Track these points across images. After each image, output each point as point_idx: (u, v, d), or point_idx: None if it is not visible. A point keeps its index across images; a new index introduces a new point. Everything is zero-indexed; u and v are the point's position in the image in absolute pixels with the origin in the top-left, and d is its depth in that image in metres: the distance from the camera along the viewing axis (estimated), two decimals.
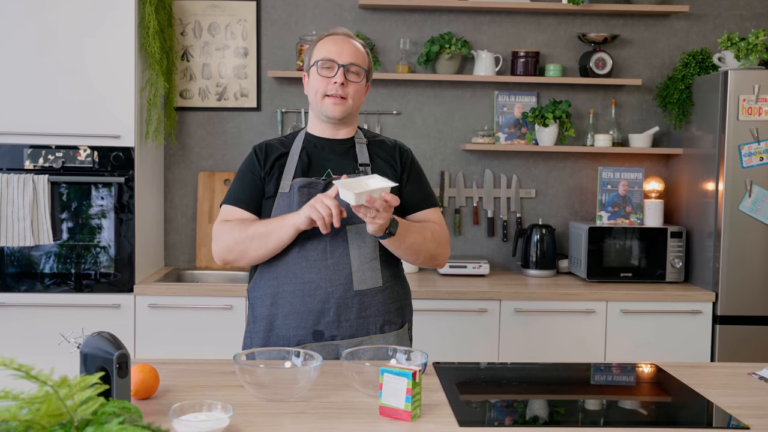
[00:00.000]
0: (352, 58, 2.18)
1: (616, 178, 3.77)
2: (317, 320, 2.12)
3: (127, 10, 3.31)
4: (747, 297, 3.43)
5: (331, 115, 2.18)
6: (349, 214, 2.11)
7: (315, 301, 2.11)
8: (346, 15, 3.89)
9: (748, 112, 3.39)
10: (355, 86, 2.19)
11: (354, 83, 2.19)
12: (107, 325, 3.12)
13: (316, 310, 2.11)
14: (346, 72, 2.17)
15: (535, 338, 3.39)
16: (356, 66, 2.18)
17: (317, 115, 2.23)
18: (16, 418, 1.12)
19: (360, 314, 2.14)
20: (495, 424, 1.72)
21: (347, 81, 2.17)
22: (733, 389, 1.97)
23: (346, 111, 2.19)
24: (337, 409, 1.72)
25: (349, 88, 2.18)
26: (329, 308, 2.12)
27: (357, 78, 2.19)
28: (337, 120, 2.20)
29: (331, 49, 2.18)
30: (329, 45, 2.20)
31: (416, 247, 2.15)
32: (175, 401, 1.67)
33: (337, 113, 2.18)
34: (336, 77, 2.16)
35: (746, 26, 3.98)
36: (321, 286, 2.11)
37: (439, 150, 3.96)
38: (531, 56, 3.83)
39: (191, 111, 3.90)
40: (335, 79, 2.16)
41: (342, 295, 2.12)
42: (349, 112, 2.20)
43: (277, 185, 2.17)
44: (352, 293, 2.12)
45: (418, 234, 2.15)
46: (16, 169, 3.29)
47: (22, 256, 3.31)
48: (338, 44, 2.19)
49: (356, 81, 2.19)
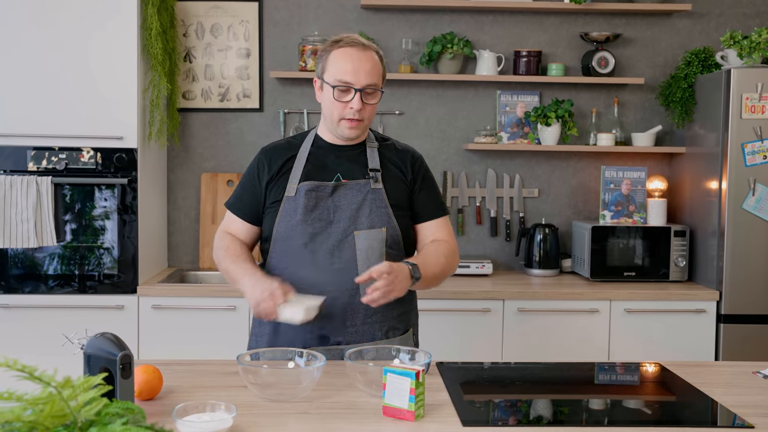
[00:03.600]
0: (368, 78, 2.09)
1: (619, 177, 3.76)
2: (322, 324, 2.11)
3: (129, 12, 3.31)
4: (751, 296, 3.42)
5: (347, 136, 2.16)
6: (355, 218, 2.10)
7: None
8: (348, 15, 3.89)
9: (751, 111, 3.38)
10: (372, 107, 2.14)
11: (370, 105, 2.13)
12: (111, 326, 3.13)
13: (322, 315, 2.09)
14: (363, 95, 2.10)
15: (538, 338, 3.39)
16: (372, 87, 2.12)
17: (331, 131, 2.19)
18: (20, 419, 1.12)
19: (366, 320, 2.13)
20: (499, 424, 1.72)
21: (364, 104, 2.11)
22: (737, 388, 1.97)
23: (362, 132, 2.17)
24: (340, 409, 1.72)
25: (366, 111, 2.13)
26: (335, 313, 2.11)
27: (374, 99, 2.13)
28: (352, 139, 2.19)
29: (346, 69, 2.09)
30: (344, 63, 2.09)
31: (437, 276, 2.17)
32: (179, 402, 1.67)
33: (353, 135, 2.15)
34: (353, 103, 2.09)
35: (749, 24, 3.97)
36: (327, 290, 2.10)
37: (441, 150, 3.96)
38: (533, 56, 3.83)
39: (194, 112, 3.90)
40: (352, 105, 2.10)
41: (349, 301, 2.11)
42: (364, 131, 2.19)
43: (283, 188, 2.16)
44: (359, 299, 2.10)
45: (435, 264, 2.15)
46: (20, 170, 3.30)
47: (25, 258, 3.32)
48: (354, 62, 2.09)
49: (373, 102, 2.13)
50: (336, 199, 2.13)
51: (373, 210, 2.13)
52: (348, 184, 2.15)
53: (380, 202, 2.15)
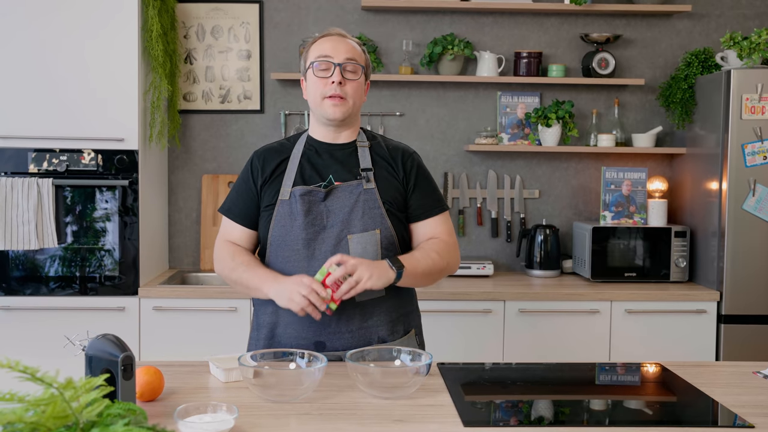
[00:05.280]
0: (347, 54, 2.13)
1: (620, 178, 3.76)
2: (318, 331, 2.10)
3: (130, 14, 3.32)
4: (751, 296, 3.42)
5: (331, 116, 2.13)
6: (348, 221, 2.10)
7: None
8: (348, 17, 3.90)
9: (751, 111, 3.38)
10: (354, 84, 2.14)
11: (352, 81, 2.13)
12: (112, 328, 3.14)
13: (318, 321, 2.07)
14: (343, 70, 2.12)
15: (539, 338, 3.39)
16: (353, 63, 2.13)
17: (318, 119, 2.19)
18: (22, 420, 1.12)
19: (362, 324, 2.12)
20: (500, 425, 1.72)
21: (345, 79, 2.12)
22: (737, 388, 1.97)
23: (346, 112, 2.14)
24: (341, 410, 1.73)
25: (348, 87, 2.12)
26: (330, 319, 2.09)
27: (355, 75, 2.14)
28: (339, 122, 2.15)
29: (325, 48, 2.13)
30: (323, 44, 2.15)
31: (428, 274, 2.13)
32: (180, 403, 1.68)
33: (338, 114, 2.13)
34: (333, 76, 2.11)
35: (749, 25, 3.98)
36: None
37: (442, 151, 3.96)
38: (534, 57, 3.83)
39: (195, 114, 3.91)
40: (332, 79, 2.11)
41: (343, 306, 2.08)
42: (349, 113, 2.15)
43: (277, 192, 2.14)
44: (354, 304, 2.09)
45: (424, 259, 2.12)
46: (21, 172, 3.30)
47: (27, 260, 3.32)
48: (332, 42, 2.15)
49: (354, 78, 2.13)
50: (329, 203, 2.11)
51: (366, 212, 2.11)
52: (340, 186, 2.12)
53: (373, 203, 2.13)
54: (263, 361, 1.89)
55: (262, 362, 1.89)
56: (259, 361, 1.89)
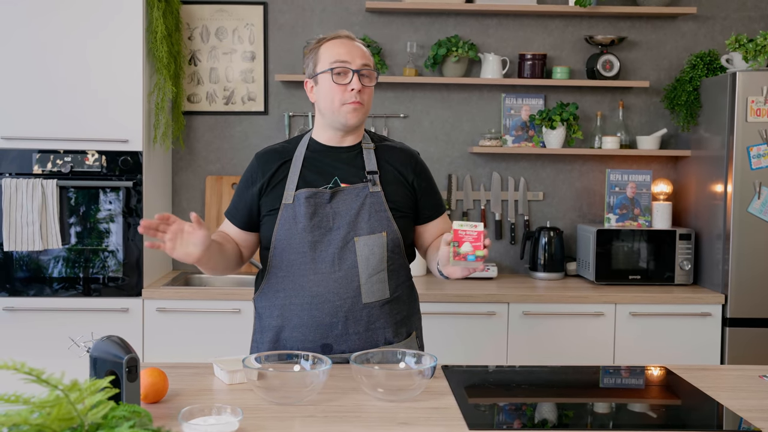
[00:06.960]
0: (362, 59, 2.11)
1: (624, 181, 3.76)
2: (325, 333, 2.10)
3: (134, 15, 3.32)
4: (757, 299, 3.41)
5: (349, 123, 2.12)
6: (354, 223, 2.09)
7: (323, 315, 2.09)
8: (353, 19, 3.90)
9: (757, 114, 3.38)
10: (369, 90, 2.14)
11: (368, 87, 2.13)
12: (116, 329, 3.14)
13: (325, 324, 2.08)
14: (360, 76, 2.10)
15: (543, 341, 3.38)
16: (368, 68, 2.12)
17: (330, 123, 2.16)
18: (27, 422, 1.12)
19: (368, 327, 2.12)
20: (504, 428, 1.72)
21: (362, 86, 2.11)
22: (743, 392, 1.96)
23: (362, 118, 2.14)
24: (346, 412, 1.72)
25: (365, 94, 2.12)
26: (337, 321, 2.09)
27: (370, 81, 2.13)
28: (353, 127, 2.15)
29: (340, 52, 2.10)
30: (336, 48, 2.11)
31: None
32: (185, 405, 1.67)
33: (355, 120, 2.12)
34: (353, 83, 2.09)
35: (754, 27, 3.97)
36: (329, 299, 2.08)
37: (446, 153, 3.96)
38: (538, 59, 3.83)
39: (199, 115, 3.91)
40: (352, 86, 2.09)
41: (350, 308, 2.09)
42: (365, 118, 2.17)
43: (279, 196, 2.13)
44: (361, 306, 2.09)
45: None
46: (25, 173, 3.31)
47: (30, 261, 3.33)
48: (346, 47, 2.11)
49: (370, 84, 2.13)
50: (335, 206, 2.11)
51: (372, 214, 2.11)
52: (346, 189, 2.12)
53: (379, 206, 2.12)
54: (267, 363, 1.89)
55: (267, 364, 1.89)
56: (264, 363, 1.88)
